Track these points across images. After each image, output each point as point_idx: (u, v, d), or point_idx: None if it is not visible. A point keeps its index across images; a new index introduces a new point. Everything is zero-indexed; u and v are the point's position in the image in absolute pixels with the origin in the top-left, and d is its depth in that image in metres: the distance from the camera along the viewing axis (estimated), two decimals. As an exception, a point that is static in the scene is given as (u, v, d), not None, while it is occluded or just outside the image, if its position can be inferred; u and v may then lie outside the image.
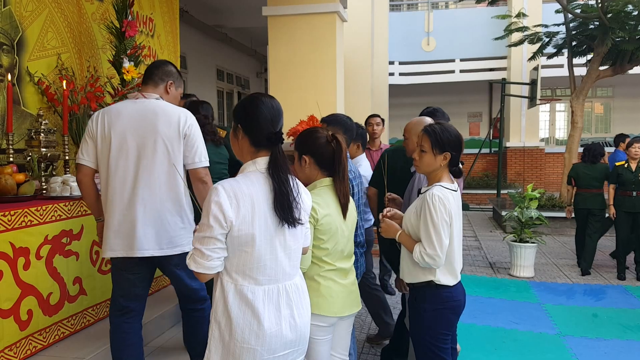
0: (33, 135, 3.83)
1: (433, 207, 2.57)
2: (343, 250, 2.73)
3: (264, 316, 2.07)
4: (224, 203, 2.01)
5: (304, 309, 2.24)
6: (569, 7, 10.65)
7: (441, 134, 2.68)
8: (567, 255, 8.35)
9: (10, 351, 3.13)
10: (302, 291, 2.26)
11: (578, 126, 10.92)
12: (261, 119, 2.15)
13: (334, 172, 2.67)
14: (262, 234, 2.07)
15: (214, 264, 2.05)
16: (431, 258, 2.57)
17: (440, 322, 2.73)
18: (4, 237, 3.07)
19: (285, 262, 2.15)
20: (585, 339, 4.84)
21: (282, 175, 2.10)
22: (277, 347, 2.11)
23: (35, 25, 4.50)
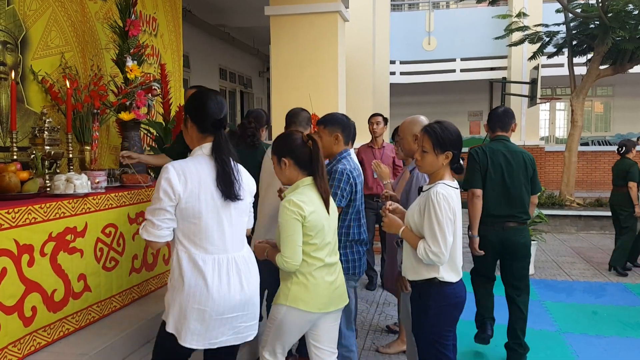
0: (37, 133, 3.85)
1: (437, 205, 2.58)
2: (330, 244, 2.86)
3: (213, 281, 2.35)
4: (173, 179, 2.32)
5: (252, 278, 2.52)
6: (569, 7, 10.67)
7: (442, 133, 2.70)
8: (567, 252, 8.38)
9: (14, 347, 3.15)
10: (250, 262, 2.55)
11: (578, 125, 10.94)
12: (206, 108, 2.46)
13: (314, 171, 2.82)
14: (209, 208, 2.37)
15: (164, 233, 2.35)
16: (436, 255, 2.59)
17: (444, 319, 2.74)
18: (8, 235, 3.09)
19: (232, 235, 2.45)
20: (585, 336, 4.87)
21: (224, 157, 2.41)
22: (225, 310, 2.39)
23: (39, 24, 4.52)
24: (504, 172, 4.20)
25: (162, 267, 4.77)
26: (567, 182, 11.07)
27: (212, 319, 2.38)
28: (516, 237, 4.23)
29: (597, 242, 9.21)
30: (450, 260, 2.69)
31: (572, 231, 10.11)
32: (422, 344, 2.79)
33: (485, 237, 4.30)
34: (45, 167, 3.84)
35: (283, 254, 2.75)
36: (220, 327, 2.42)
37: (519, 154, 4.25)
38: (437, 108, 18.21)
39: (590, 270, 7.27)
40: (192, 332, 2.37)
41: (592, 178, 16.01)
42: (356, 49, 10.98)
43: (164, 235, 2.37)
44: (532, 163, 4.27)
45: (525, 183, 4.23)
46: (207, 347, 2.46)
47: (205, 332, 2.40)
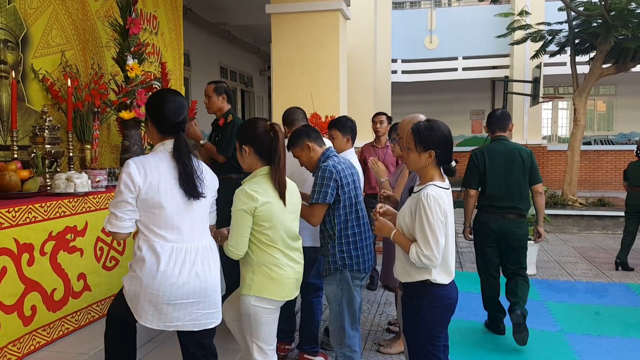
0: (37, 132, 3.85)
1: (428, 207, 2.55)
2: (286, 235, 2.89)
3: (167, 268, 2.46)
4: (133, 172, 2.45)
5: (212, 268, 2.62)
6: (572, 5, 10.64)
7: (425, 131, 2.66)
8: (569, 252, 8.36)
9: (13, 346, 3.14)
10: (210, 253, 2.65)
11: (580, 124, 10.91)
12: (165, 111, 2.56)
13: (271, 161, 2.85)
14: (169, 200, 2.48)
15: (126, 225, 2.48)
16: (428, 259, 2.56)
17: (437, 320, 2.72)
18: (8, 234, 3.09)
19: (192, 226, 2.57)
20: (587, 337, 4.85)
21: (184, 159, 2.53)
22: (177, 296, 2.49)
23: (40, 22, 4.51)
24: (502, 169, 4.63)
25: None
26: (570, 181, 11.05)
27: (164, 304, 2.49)
28: (515, 228, 4.66)
29: (599, 242, 9.18)
30: (442, 262, 2.65)
31: (574, 231, 10.08)
32: (413, 345, 2.76)
33: (486, 223, 4.71)
34: (45, 165, 3.84)
35: (229, 242, 2.80)
36: (175, 312, 2.52)
37: (516, 151, 4.64)
38: (439, 107, 18.18)
39: (593, 271, 7.25)
40: (145, 312, 2.50)
41: (595, 177, 15.98)
42: (357, 48, 10.97)
43: (126, 227, 2.49)
44: (528, 157, 4.63)
45: (522, 177, 4.62)
46: (162, 328, 2.56)
47: (158, 315, 2.51)
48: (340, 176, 3.43)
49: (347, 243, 3.46)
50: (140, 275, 2.48)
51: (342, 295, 3.51)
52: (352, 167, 3.61)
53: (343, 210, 3.46)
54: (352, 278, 3.50)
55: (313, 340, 4.10)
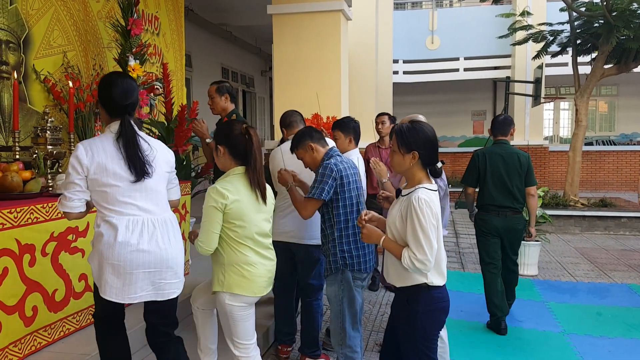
0: (39, 132, 3.85)
1: (420, 211, 2.52)
2: (257, 234, 2.97)
3: (125, 238, 2.56)
4: (80, 155, 2.56)
5: (172, 239, 2.70)
6: (573, 5, 10.63)
7: (407, 132, 2.65)
8: (571, 253, 8.35)
9: (14, 347, 3.14)
10: (171, 225, 2.73)
11: (582, 125, 10.90)
12: (112, 94, 2.64)
13: (246, 162, 2.94)
14: (117, 179, 2.58)
15: (75, 204, 2.61)
16: (422, 263, 2.53)
17: (433, 323, 2.71)
18: (9, 234, 3.09)
19: (146, 201, 2.65)
20: (589, 337, 4.84)
21: (128, 140, 2.61)
22: (139, 265, 2.58)
23: (42, 23, 4.52)
24: (501, 171, 4.95)
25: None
26: (571, 182, 11.03)
27: (127, 273, 2.58)
28: (514, 223, 5.01)
29: (601, 243, 9.17)
30: (435, 264, 2.64)
31: (576, 232, 10.07)
32: (410, 349, 2.73)
33: (489, 221, 5.01)
34: (47, 166, 3.84)
35: (199, 238, 2.90)
36: (137, 282, 2.61)
37: (515, 155, 4.99)
38: (440, 107, 18.18)
39: (595, 271, 7.24)
40: (110, 285, 2.59)
41: (597, 178, 15.96)
42: (359, 48, 10.97)
43: (75, 206, 2.62)
44: (526, 161, 5.00)
45: (519, 179, 4.97)
46: (128, 302, 2.64)
47: (122, 287, 2.59)
48: (342, 175, 3.44)
49: (348, 242, 3.46)
50: (101, 249, 2.58)
51: (343, 296, 3.51)
52: (354, 167, 3.63)
53: (343, 210, 3.47)
54: (354, 278, 3.50)
55: (314, 344, 4.09)
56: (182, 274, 2.81)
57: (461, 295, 6.06)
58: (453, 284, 6.46)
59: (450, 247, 8.73)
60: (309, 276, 4.02)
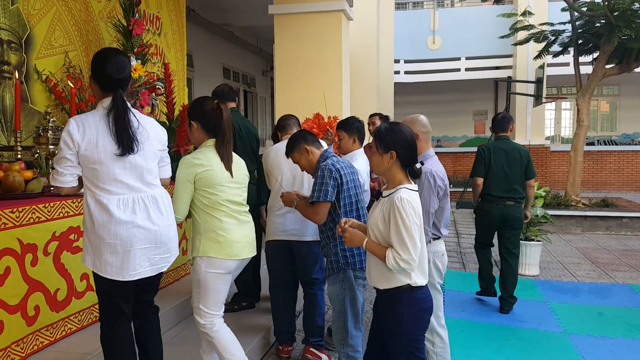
0: (41, 132, 3.85)
1: (403, 210, 2.52)
2: (231, 201, 3.12)
3: (119, 216, 2.60)
4: (72, 130, 2.59)
5: (164, 215, 2.77)
6: (575, 5, 10.62)
7: (385, 133, 2.67)
8: (572, 253, 8.34)
9: (17, 346, 3.15)
10: (161, 201, 2.78)
11: (584, 124, 10.89)
12: (106, 68, 2.67)
13: (217, 134, 3.10)
14: (108, 155, 2.61)
15: (67, 179, 2.67)
16: (406, 263, 2.53)
17: (418, 323, 2.70)
18: (12, 234, 3.10)
19: (136, 177, 2.69)
20: (590, 337, 4.84)
21: (119, 114, 2.64)
22: (134, 242, 2.64)
23: (43, 23, 4.52)
24: (503, 164, 5.45)
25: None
26: (573, 182, 11.02)
27: (125, 251, 2.63)
28: (513, 212, 5.47)
29: (602, 243, 9.16)
30: (419, 264, 2.64)
31: (577, 232, 10.06)
32: (397, 351, 2.72)
33: (489, 211, 5.52)
34: (49, 166, 3.84)
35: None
36: (135, 258, 2.66)
37: (516, 150, 5.52)
38: (441, 107, 18.18)
39: (596, 271, 7.23)
40: (109, 264, 2.63)
41: (598, 178, 15.95)
42: (360, 48, 10.97)
43: (67, 181, 2.68)
44: (526, 156, 5.54)
45: (520, 172, 5.49)
46: (128, 279, 2.67)
47: (121, 265, 2.64)
48: (340, 174, 3.45)
49: None
50: (96, 230, 2.61)
51: (345, 295, 3.51)
52: (350, 166, 3.64)
53: (344, 209, 3.47)
54: (355, 277, 3.51)
55: (318, 333, 4.09)
56: (174, 247, 2.88)
57: (463, 295, 6.06)
58: (454, 284, 6.46)
59: (452, 247, 8.73)
60: (312, 272, 4.03)
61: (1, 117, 4.13)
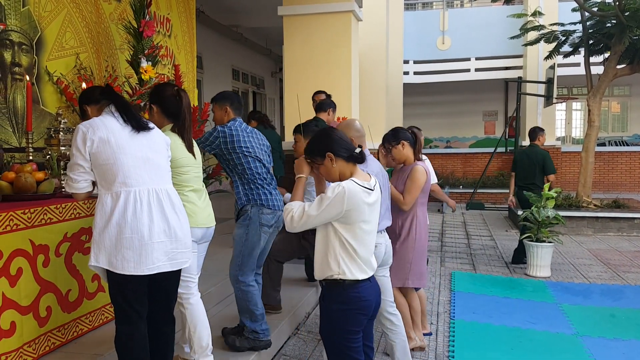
0: (52, 134, 3.87)
1: (332, 192, 2.55)
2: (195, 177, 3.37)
3: (135, 211, 2.64)
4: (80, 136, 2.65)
5: (176, 210, 2.81)
6: (585, 5, 10.56)
7: (310, 145, 2.73)
8: (584, 255, 8.29)
9: (29, 347, 3.17)
10: (174, 196, 2.84)
11: (595, 125, 10.82)
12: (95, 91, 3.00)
13: (176, 119, 3.24)
14: (120, 149, 2.67)
15: (81, 185, 2.74)
16: (292, 220, 2.61)
17: (349, 322, 2.68)
18: (24, 235, 3.11)
19: (149, 170, 2.75)
20: (603, 340, 4.80)
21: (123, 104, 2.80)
22: (152, 235, 2.66)
23: (54, 25, 4.55)
24: (528, 163, 7.65)
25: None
26: (584, 183, 10.94)
27: (143, 244, 2.65)
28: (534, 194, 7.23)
29: (614, 244, 9.10)
30: (357, 260, 2.64)
31: (589, 233, 9.99)
32: (328, 345, 2.75)
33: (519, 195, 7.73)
34: (60, 167, 3.86)
35: None
36: (153, 252, 2.68)
37: (539, 154, 7.62)
38: (451, 108, 18.14)
39: (608, 273, 7.18)
40: (127, 260, 2.63)
41: (610, 179, 15.84)
42: (369, 49, 10.95)
43: (81, 187, 2.75)
44: (543, 157, 7.60)
45: (538, 169, 7.59)
46: (146, 273, 2.68)
47: (139, 259, 2.65)
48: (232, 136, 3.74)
49: None
50: (113, 225, 2.63)
51: (246, 238, 3.74)
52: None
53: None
54: (260, 225, 3.74)
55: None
56: (188, 242, 2.90)
57: (473, 297, 6.03)
58: (465, 286, 6.43)
59: (462, 249, 8.70)
60: None
61: (12, 118, 4.16)
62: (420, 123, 18.41)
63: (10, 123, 4.14)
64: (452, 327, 5.06)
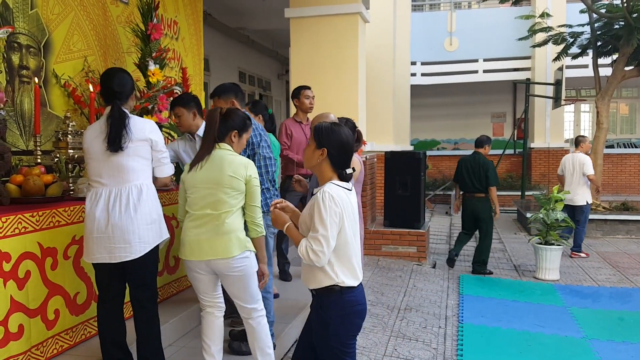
0: (60, 137, 3.88)
1: (323, 204, 2.53)
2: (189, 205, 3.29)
3: (90, 208, 3.03)
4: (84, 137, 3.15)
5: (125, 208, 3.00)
6: (593, 7, 10.51)
7: (323, 130, 2.69)
8: (592, 257, 8.24)
9: (37, 350, 3.17)
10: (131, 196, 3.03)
11: (603, 127, 10.77)
12: (107, 84, 3.14)
13: None
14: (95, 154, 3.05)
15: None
16: (315, 254, 2.52)
17: (347, 327, 2.67)
18: (32, 238, 3.12)
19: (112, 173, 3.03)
20: (611, 343, 4.77)
21: (112, 121, 3.01)
22: (93, 230, 3.01)
23: (62, 27, 4.56)
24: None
25: (183, 271, 4.76)
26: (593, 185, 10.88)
27: (88, 238, 3.04)
28: None
29: (623, 247, 9.04)
30: (348, 265, 2.63)
31: (597, 236, 9.94)
32: (325, 354, 2.71)
33: None
34: (68, 170, 3.87)
35: None
36: (94, 245, 3.02)
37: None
38: (459, 109, 18.06)
39: (617, 276, 7.14)
40: (84, 247, 3.11)
41: (618, 181, 15.75)
42: (377, 50, 10.93)
43: None
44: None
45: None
46: (91, 261, 3.09)
47: (86, 249, 3.08)
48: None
49: None
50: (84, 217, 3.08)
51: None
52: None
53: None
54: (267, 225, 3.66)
55: None
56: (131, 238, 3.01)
57: (482, 300, 6.01)
58: (474, 289, 6.41)
59: (470, 252, 8.66)
60: None
61: (20, 121, 4.17)
62: (427, 125, 18.46)
63: (18, 126, 4.15)
64: (460, 330, 5.03)
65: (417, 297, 6.00)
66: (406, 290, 6.24)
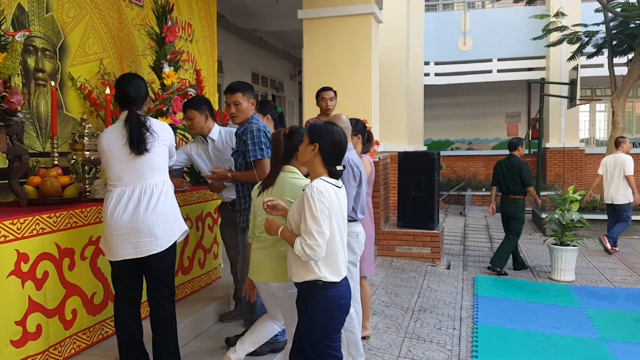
0: (77, 139, 3.92)
1: (312, 199, 2.59)
2: None
3: (114, 207, 3.05)
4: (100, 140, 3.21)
5: (150, 203, 3.08)
6: (609, 6, 10.43)
7: (317, 127, 2.76)
8: (608, 258, 8.17)
9: (55, 350, 3.21)
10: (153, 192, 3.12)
11: (619, 126, 10.68)
12: (123, 90, 3.22)
13: None
14: (116, 157, 3.11)
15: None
16: (311, 248, 2.57)
17: (331, 321, 2.73)
18: (49, 239, 3.16)
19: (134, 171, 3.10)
20: (628, 344, 4.73)
21: (132, 126, 3.11)
22: (116, 228, 3.03)
23: (77, 30, 4.60)
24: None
25: (198, 271, 4.80)
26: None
27: (112, 236, 3.05)
28: None
29: (639, 248, 8.96)
30: (330, 261, 2.68)
31: (613, 235, 9.85)
32: (310, 348, 2.75)
33: None
34: (85, 172, 3.91)
35: None
36: (118, 242, 3.03)
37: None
38: (473, 109, 17.99)
39: (633, 277, 7.07)
40: (105, 247, 3.13)
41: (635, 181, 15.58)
42: (390, 50, 10.90)
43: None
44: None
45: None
46: (113, 259, 3.10)
47: (109, 247, 3.08)
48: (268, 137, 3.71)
49: None
50: (104, 218, 3.10)
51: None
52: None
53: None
54: None
55: None
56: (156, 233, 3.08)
57: (497, 301, 5.98)
58: (489, 290, 6.38)
59: (485, 252, 8.63)
60: None
61: (36, 123, 4.22)
62: (441, 125, 18.40)
63: (34, 128, 4.20)
64: (475, 332, 5.02)
65: (431, 298, 5.98)
66: (420, 291, 6.23)
